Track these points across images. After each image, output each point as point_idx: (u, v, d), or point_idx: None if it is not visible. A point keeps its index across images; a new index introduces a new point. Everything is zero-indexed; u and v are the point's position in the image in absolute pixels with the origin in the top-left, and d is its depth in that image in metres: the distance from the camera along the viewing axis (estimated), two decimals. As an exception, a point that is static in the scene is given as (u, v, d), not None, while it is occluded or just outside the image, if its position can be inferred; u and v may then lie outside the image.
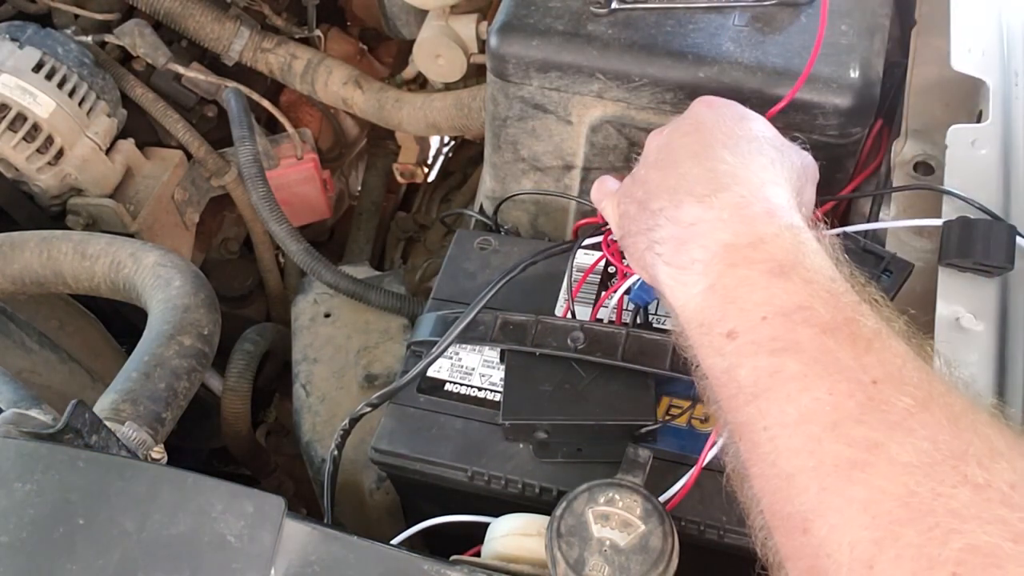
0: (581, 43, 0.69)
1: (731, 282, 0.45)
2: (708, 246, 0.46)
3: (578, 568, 0.45)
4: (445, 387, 0.65)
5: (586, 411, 0.58)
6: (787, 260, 0.44)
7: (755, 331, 0.43)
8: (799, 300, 0.43)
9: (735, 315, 0.44)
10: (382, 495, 0.79)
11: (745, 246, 0.45)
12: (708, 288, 0.46)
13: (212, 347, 0.66)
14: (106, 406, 0.57)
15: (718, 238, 0.46)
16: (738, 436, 0.43)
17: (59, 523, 0.44)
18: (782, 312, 0.43)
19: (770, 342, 0.42)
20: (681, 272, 0.47)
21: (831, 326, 0.41)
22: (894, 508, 0.35)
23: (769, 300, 0.43)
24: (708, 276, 0.46)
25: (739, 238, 0.46)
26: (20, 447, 0.46)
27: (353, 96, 1.10)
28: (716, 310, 0.45)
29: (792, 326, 0.42)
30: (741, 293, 0.44)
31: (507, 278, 0.63)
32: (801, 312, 0.42)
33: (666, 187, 0.50)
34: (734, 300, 0.45)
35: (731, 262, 0.45)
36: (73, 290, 0.74)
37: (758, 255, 0.45)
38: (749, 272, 0.44)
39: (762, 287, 0.44)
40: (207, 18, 1.07)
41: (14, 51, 0.94)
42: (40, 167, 0.94)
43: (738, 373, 0.43)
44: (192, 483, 0.46)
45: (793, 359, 0.41)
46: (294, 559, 0.44)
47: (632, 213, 0.53)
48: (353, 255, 1.31)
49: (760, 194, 0.48)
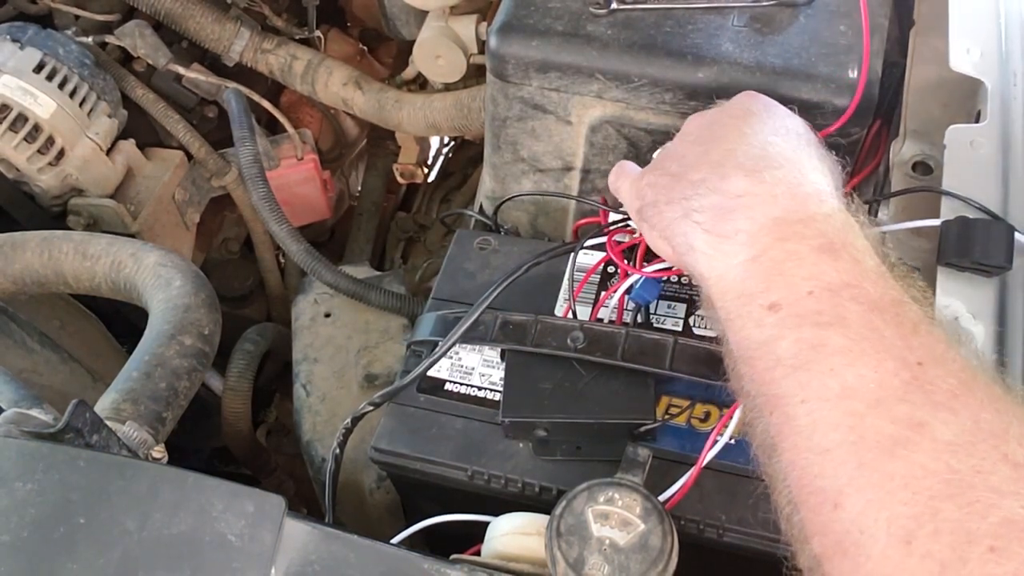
0: (580, 43, 0.70)
1: (778, 255, 0.45)
2: (756, 218, 0.46)
3: (578, 567, 0.46)
4: (445, 387, 0.65)
5: (586, 409, 0.58)
6: (837, 239, 0.44)
7: (800, 304, 0.43)
8: (848, 278, 0.43)
9: (780, 287, 0.44)
10: (382, 494, 0.79)
11: (796, 222, 0.45)
12: (752, 259, 0.45)
13: (213, 347, 0.66)
14: (107, 406, 0.57)
15: (768, 211, 0.46)
16: (770, 409, 0.43)
17: (60, 522, 0.44)
18: (830, 288, 0.43)
19: (815, 315, 0.42)
20: (722, 241, 0.47)
21: (879, 305, 0.42)
22: (934, 484, 0.36)
23: (817, 275, 0.43)
24: (753, 247, 0.46)
25: (790, 214, 0.46)
26: (21, 446, 0.47)
27: (353, 97, 1.10)
28: (759, 281, 0.45)
29: (839, 302, 0.42)
30: (788, 267, 0.44)
31: (511, 279, 0.63)
32: (849, 289, 0.42)
33: (709, 160, 0.50)
34: (780, 273, 0.44)
35: (780, 236, 0.45)
36: (74, 290, 0.74)
37: (808, 231, 0.45)
38: (798, 247, 0.44)
39: (811, 262, 0.44)
40: (207, 19, 1.08)
41: (15, 52, 0.94)
42: (41, 167, 0.94)
43: (777, 345, 0.43)
44: (193, 482, 0.46)
45: (839, 333, 0.41)
46: (294, 558, 0.45)
47: (663, 184, 0.53)
48: (353, 255, 1.31)
49: (809, 177, 0.48)
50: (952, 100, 0.67)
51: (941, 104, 0.67)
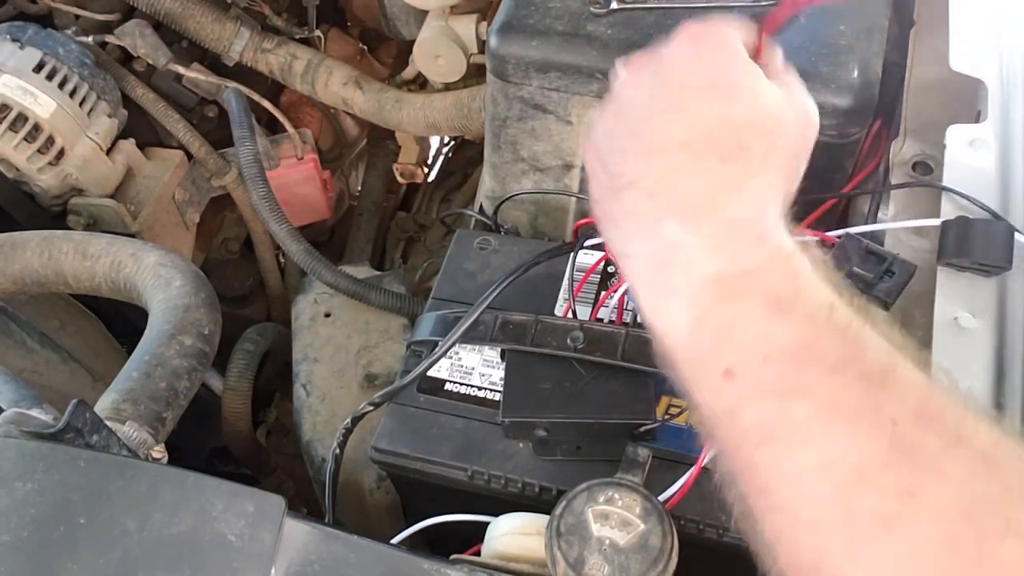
0: (581, 43, 0.70)
1: (723, 318, 0.40)
2: (692, 276, 0.41)
3: (578, 567, 0.46)
4: (445, 387, 0.65)
5: (586, 409, 0.58)
6: (783, 292, 0.40)
7: (757, 372, 0.39)
8: (802, 337, 0.39)
9: (732, 354, 0.40)
10: (382, 494, 0.79)
11: (735, 277, 0.41)
12: (695, 322, 0.41)
13: (213, 347, 0.66)
14: (107, 406, 0.57)
15: (705, 267, 0.41)
16: (746, 479, 0.40)
17: (60, 522, 0.44)
18: (785, 352, 0.39)
19: (776, 384, 0.39)
20: (661, 296, 0.43)
21: (840, 364, 0.38)
22: (941, 557, 0.34)
23: (768, 338, 0.39)
24: (695, 309, 0.41)
25: (730, 266, 0.41)
26: (21, 446, 0.47)
27: (353, 96, 1.10)
28: (708, 347, 0.41)
29: (798, 366, 0.38)
30: (736, 330, 0.40)
31: (510, 279, 0.63)
32: (806, 351, 0.39)
33: (642, 179, 0.43)
34: (728, 338, 0.40)
35: (722, 295, 0.41)
36: (74, 290, 0.74)
37: (753, 287, 0.40)
38: (742, 307, 0.40)
39: (760, 324, 0.40)
40: (208, 19, 1.08)
41: (15, 51, 0.94)
42: (41, 167, 0.94)
43: (741, 415, 0.40)
44: (193, 482, 0.46)
45: (804, 403, 0.38)
46: (294, 558, 0.45)
47: (599, 180, 0.46)
48: (353, 255, 1.31)
49: (751, 212, 0.42)
50: (952, 100, 0.67)
51: (941, 104, 0.67)
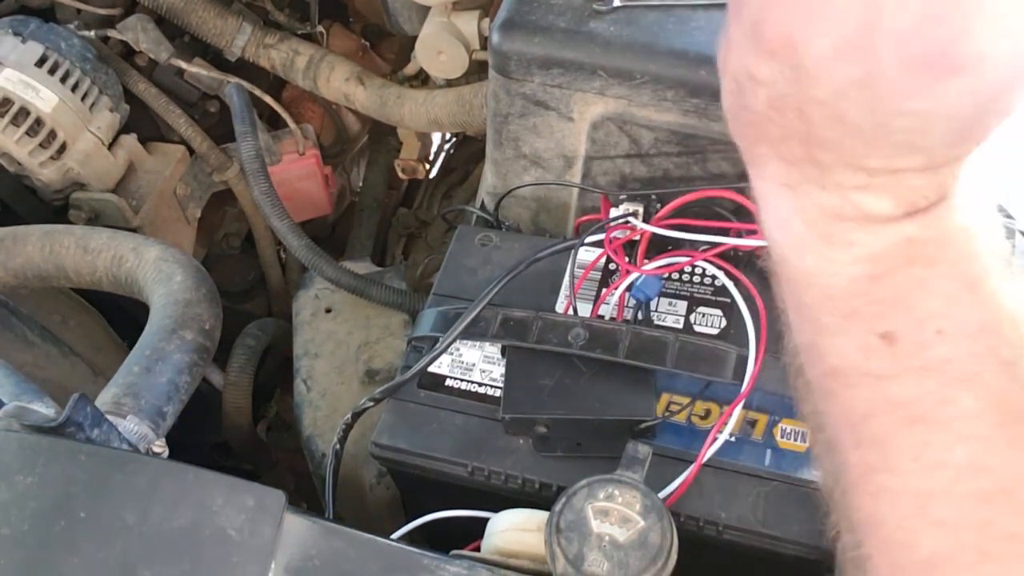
0: (583, 40, 0.70)
1: (904, 281, 0.36)
2: (884, 236, 0.36)
3: (577, 563, 0.46)
4: (445, 383, 0.65)
5: (586, 406, 0.58)
6: (973, 267, 0.36)
7: (925, 345, 0.36)
8: (985, 319, 0.35)
9: (901, 318, 0.36)
10: (382, 490, 0.80)
11: (931, 242, 0.36)
12: (867, 278, 0.36)
13: (214, 342, 0.66)
14: (108, 400, 0.57)
15: (900, 231, 0.36)
16: (863, 451, 0.37)
17: (60, 516, 0.44)
18: (963, 332, 0.35)
19: (944, 364, 0.35)
20: (830, 246, 0.37)
21: (1014, 359, 0.35)
22: None
23: (949, 312, 0.35)
24: (873, 266, 0.36)
25: (924, 231, 0.36)
26: (22, 440, 0.47)
27: (355, 92, 1.10)
28: (874, 303, 0.37)
29: (974, 352, 0.35)
30: (915, 297, 0.36)
31: (512, 275, 0.63)
32: (985, 336, 0.35)
33: (845, 146, 0.34)
34: (903, 302, 0.36)
35: (909, 259, 0.36)
36: (75, 284, 0.74)
37: (944, 255, 0.36)
38: (929, 274, 0.36)
39: (942, 295, 0.36)
40: (210, 13, 1.07)
41: (17, 45, 0.94)
42: (43, 161, 0.94)
43: (890, 385, 0.36)
44: (193, 477, 0.46)
45: (972, 395, 0.35)
46: (294, 553, 0.45)
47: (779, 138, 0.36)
48: (354, 251, 1.31)
49: (950, 176, 0.36)
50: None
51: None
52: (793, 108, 0.33)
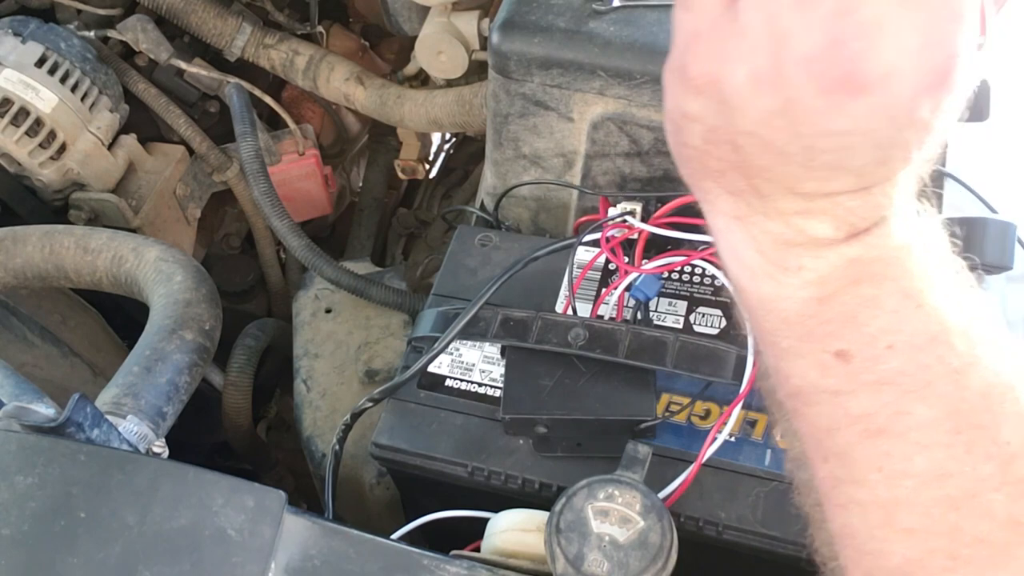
0: (583, 40, 0.70)
1: (851, 300, 0.37)
2: (829, 259, 0.37)
3: (577, 563, 0.46)
4: (445, 383, 0.65)
5: (586, 406, 0.58)
6: (918, 280, 0.37)
7: (878, 360, 0.37)
8: (933, 331, 0.36)
9: (852, 335, 0.37)
10: (382, 490, 0.80)
11: (876, 261, 0.37)
12: (817, 300, 0.38)
13: (213, 342, 0.66)
14: (108, 400, 0.57)
15: (844, 253, 0.37)
16: (833, 464, 0.39)
17: (60, 516, 0.44)
18: (913, 344, 0.36)
19: (897, 377, 0.36)
20: (781, 272, 0.38)
21: (965, 368, 0.36)
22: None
23: (898, 327, 0.36)
24: (822, 288, 0.38)
25: (868, 251, 0.37)
26: (22, 440, 0.47)
27: (355, 92, 1.10)
28: (826, 324, 0.38)
29: (925, 363, 0.36)
30: (864, 315, 0.37)
31: (509, 274, 0.63)
32: (935, 346, 0.36)
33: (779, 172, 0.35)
34: (853, 319, 0.37)
35: (855, 278, 0.37)
36: (75, 284, 0.74)
37: (890, 272, 0.37)
38: (876, 292, 0.37)
39: (890, 310, 0.37)
40: (209, 14, 1.08)
41: (17, 46, 0.94)
42: (42, 162, 0.94)
43: (849, 401, 0.37)
44: (193, 477, 0.46)
45: (925, 405, 0.36)
46: (294, 553, 0.45)
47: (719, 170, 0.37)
48: (354, 251, 1.31)
49: (893, 195, 0.37)
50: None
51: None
52: (726, 140, 0.35)
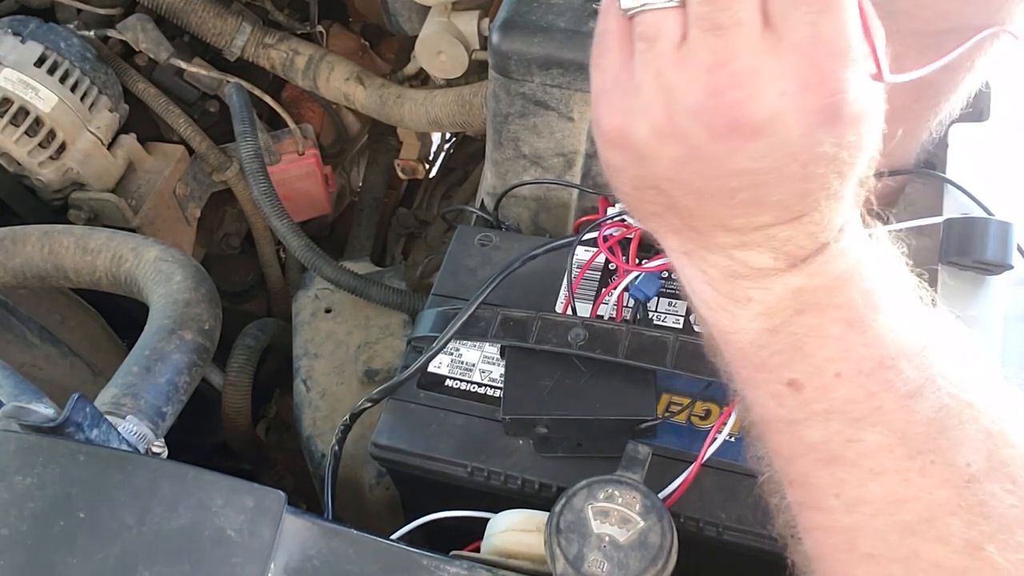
0: (583, 40, 0.69)
1: (798, 330, 0.38)
2: (774, 289, 0.38)
3: (577, 564, 0.46)
4: (445, 383, 0.65)
5: (586, 406, 0.58)
6: (864, 306, 0.37)
7: (827, 389, 0.37)
8: (878, 357, 0.37)
9: (802, 365, 0.38)
10: (382, 490, 0.79)
11: (819, 290, 0.38)
12: (767, 330, 0.39)
13: (213, 342, 0.66)
14: (107, 400, 0.57)
15: (788, 282, 0.38)
16: (798, 491, 0.39)
17: (60, 516, 0.44)
18: (860, 371, 0.37)
19: (846, 405, 0.37)
20: (732, 304, 0.39)
21: (916, 391, 0.36)
22: None
23: (844, 355, 0.37)
24: (770, 320, 0.39)
25: (811, 279, 0.38)
26: (21, 440, 0.47)
27: (355, 92, 1.10)
28: (777, 355, 0.39)
29: (873, 390, 0.36)
30: (811, 344, 0.38)
31: (505, 273, 0.63)
32: (883, 372, 0.36)
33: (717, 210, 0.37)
34: (801, 349, 0.38)
35: (800, 308, 0.38)
36: (74, 284, 0.74)
37: (833, 300, 0.37)
38: (821, 321, 0.37)
39: (836, 338, 0.37)
40: (209, 13, 1.07)
41: (16, 45, 0.94)
42: (42, 161, 0.94)
43: (803, 429, 0.38)
44: (192, 477, 0.46)
45: (875, 431, 0.36)
46: (294, 553, 0.45)
47: (653, 204, 0.39)
48: (354, 251, 1.31)
49: (833, 222, 0.37)
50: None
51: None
52: (650, 186, 0.37)
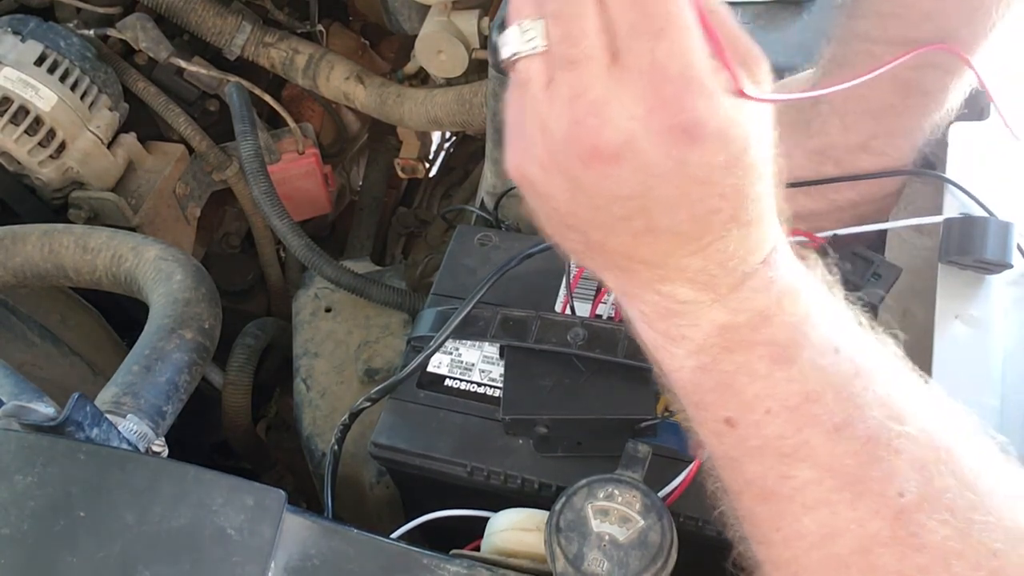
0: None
1: (728, 367, 0.39)
2: (701, 326, 0.39)
3: (577, 563, 0.46)
4: (445, 382, 0.65)
5: (586, 406, 0.58)
6: (789, 340, 0.38)
7: (759, 426, 0.38)
8: (804, 391, 0.38)
9: (734, 403, 0.39)
10: (382, 489, 0.79)
11: (743, 326, 0.39)
12: (701, 368, 0.40)
13: (213, 341, 0.66)
14: (107, 399, 0.57)
15: (713, 317, 0.39)
16: (746, 526, 0.40)
17: (60, 515, 0.44)
18: (787, 407, 0.38)
19: (777, 441, 0.38)
20: (669, 341, 0.41)
21: (844, 424, 0.37)
22: None
23: (771, 391, 0.38)
24: (701, 356, 0.40)
25: (734, 318, 0.39)
26: (21, 439, 0.47)
27: (355, 91, 1.10)
28: (711, 392, 0.40)
29: (800, 424, 0.37)
30: (740, 382, 0.39)
31: (501, 272, 0.63)
32: (808, 406, 0.37)
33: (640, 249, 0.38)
34: (731, 386, 0.39)
35: (727, 345, 0.39)
36: (74, 283, 0.74)
37: (758, 337, 0.39)
38: (748, 357, 0.39)
39: (763, 375, 0.38)
40: (209, 12, 1.07)
41: (16, 44, 0.94)
42: (42, 160, 0.94)
43: (743, 466, 0.39)
44: (193, 476, 0.46)
45: (805, 466, 0.37)
46: (294, 552, 0.45)
47: (581, 248, 0.40)
48: (354, 250, 1.31)
49: (755, 256, 0.38)
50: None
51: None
52: (563, 224, 0.39)
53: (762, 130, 0.36)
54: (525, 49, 0.36)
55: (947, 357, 0.52)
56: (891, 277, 0.57)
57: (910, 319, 0.58)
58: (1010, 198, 0.58)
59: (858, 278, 0.56)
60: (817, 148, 0.59)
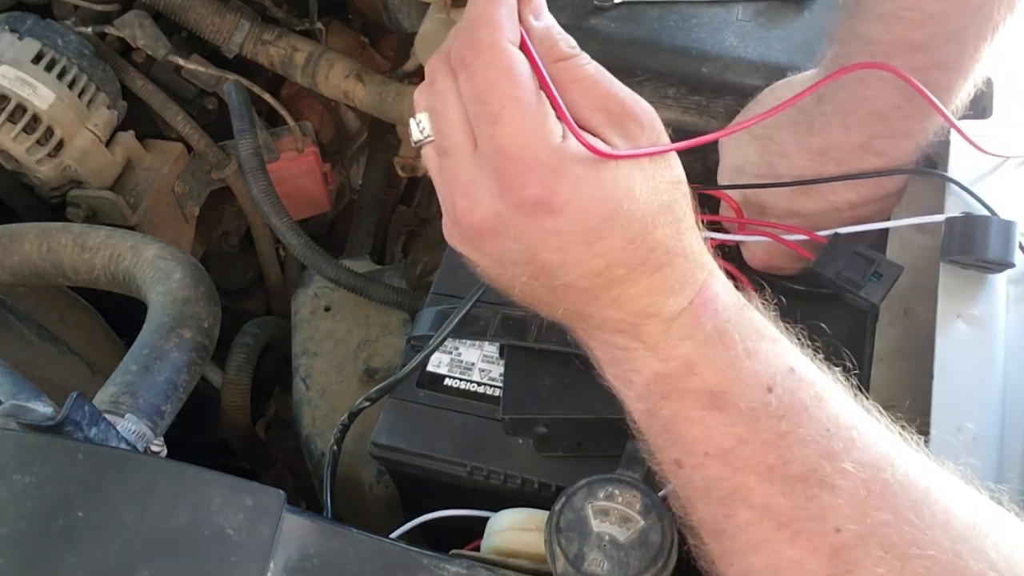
0: (584, 37, 0.69)
1: (667, 414, 0.42)
2: (641, 371, 0.42)
3: (577, 563, 0.45)
4: (445, 382, 0.65)
5: (586, 405, 0.58)
6: (720, 383, 0.40)
7: (701, 468, 0.40)
8: (738, 434, 0.39)
9: (677, 448, 0.41)
10: (381, 489, 0.79)
11: (674, 374, 0.41)
12: (647, 413, 0.43)
13: (212, 340, 0.65)
14: (106, 399, 0.57)
15: (649, 365, 0.42)
16: (705, 560, 0.42)
17: (58, 515, 0.44)
18: (722, 450, 0.40)
19: (718, 483, 0.40)
20: (621, 385, 0.44)
21: (778, 464, 0.38)
22: None
23: (707, 436, 0.40)
24: (646, 402, 0.43)
25: (665, 366, 0.41)
26: (19, 439, 0.46)
27: (354, 89, 1.10)
28: (658, 436, 0.43)
29: (735, 467, 0.39)
30: (679, 428, 0.41)
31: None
32: (742, 448, 0.39)
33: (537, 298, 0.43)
34: (672, 431, 0.42)
35: (664, 392, 0.42)
36: (72, 282, 0.74)
37: (689, 384, 0.41)
38: (683, 404, 0.41)
39: (697, 421, 0.40)
40: (207, 10, 1.07)
41: (13, 42, 0.94)
42: (40, 159, 0.93)
43: (694, 504, 0.41)
44: (191, 476, 0.46)
45: (744, 507, 0.39)
46: (293, 552, 0.44)
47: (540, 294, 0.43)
48: (353, 249, 1.31)
49: (672, 291, 0.40)
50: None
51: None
52: (493, 283, 0.44)
53: (648, 180, 0.38)
54: (421, 138, 0.42)
55: (949, 357, 0.52)
56: (892, 276, 0.57)
57: (912, 318, 0.58)
58: (1012, 197, 0.58)
59: (859, 277, 0.56)
60: (818, 148, 0.59)
